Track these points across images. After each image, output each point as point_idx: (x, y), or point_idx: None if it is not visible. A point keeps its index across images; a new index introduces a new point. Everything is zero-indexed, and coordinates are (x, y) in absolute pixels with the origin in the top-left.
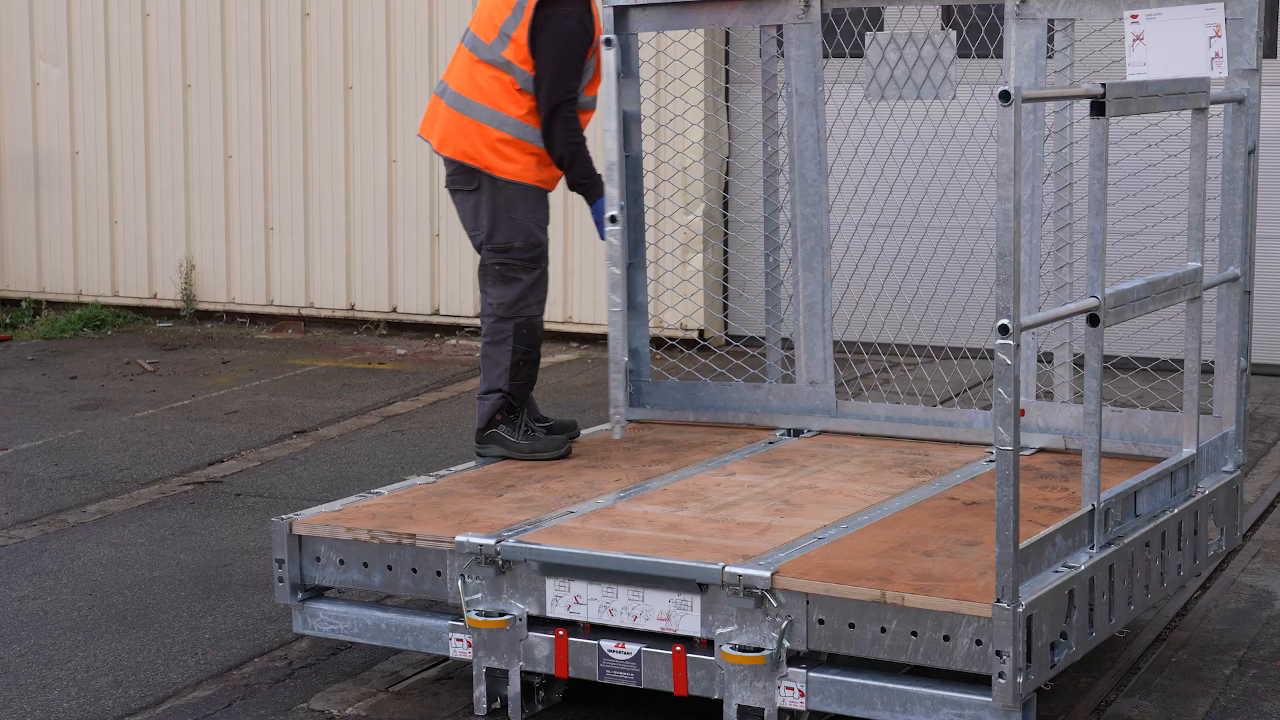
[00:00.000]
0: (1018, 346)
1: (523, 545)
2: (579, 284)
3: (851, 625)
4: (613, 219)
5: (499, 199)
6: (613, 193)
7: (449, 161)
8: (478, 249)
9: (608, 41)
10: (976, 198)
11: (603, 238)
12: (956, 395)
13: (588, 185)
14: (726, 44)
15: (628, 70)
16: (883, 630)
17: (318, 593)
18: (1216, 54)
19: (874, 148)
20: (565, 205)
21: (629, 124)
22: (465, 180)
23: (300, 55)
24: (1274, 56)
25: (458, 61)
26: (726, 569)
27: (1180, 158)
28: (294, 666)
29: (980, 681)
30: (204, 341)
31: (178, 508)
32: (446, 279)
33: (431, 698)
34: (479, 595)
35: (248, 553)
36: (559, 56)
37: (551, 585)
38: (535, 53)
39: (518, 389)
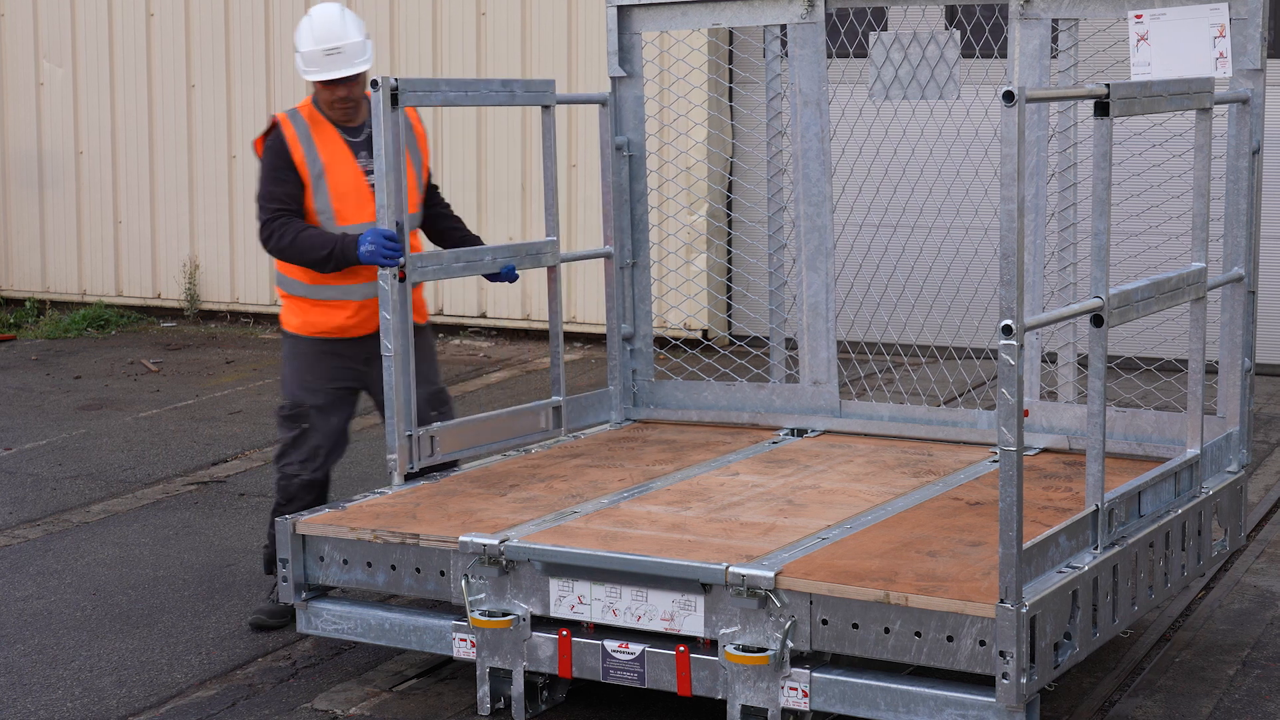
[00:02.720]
0: (1022, 347)
1: (526, 545)
2: (582, 284)
3: (855, 626)
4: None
5: (283, 349)
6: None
7: None
8: None
9: (381, 86)
10: (980, 198)
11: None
12: (960, 395)
13: (329, 259)
14: (730, 44)
15: (630, 70)
16: (886, 631)
17: (321, 592)
18: (1221, 54)
19: (878, 148)
20: (569, 206)
21: (631, 123)
22: None
23: None
24: (1279, 56)
25: None
26: (730, 569)
27: (1184, 158)
28: (298, 666)
29: (984, 682)
30: (208, 341)
31: (181, 507)
32: (449, 279)
33: (435, 698)
34: (483, 595)
35: (252, 553)
36: (259, 183)
37: (555, 585)
38: None
39: (272, 538)
